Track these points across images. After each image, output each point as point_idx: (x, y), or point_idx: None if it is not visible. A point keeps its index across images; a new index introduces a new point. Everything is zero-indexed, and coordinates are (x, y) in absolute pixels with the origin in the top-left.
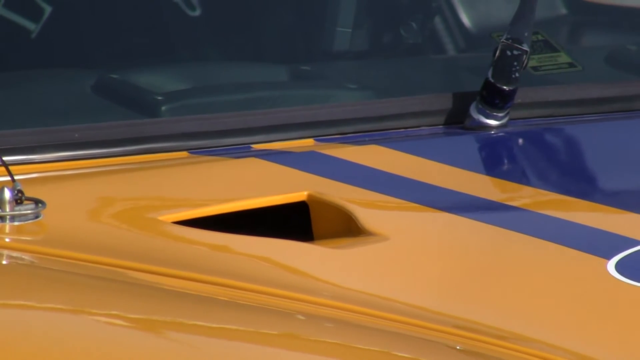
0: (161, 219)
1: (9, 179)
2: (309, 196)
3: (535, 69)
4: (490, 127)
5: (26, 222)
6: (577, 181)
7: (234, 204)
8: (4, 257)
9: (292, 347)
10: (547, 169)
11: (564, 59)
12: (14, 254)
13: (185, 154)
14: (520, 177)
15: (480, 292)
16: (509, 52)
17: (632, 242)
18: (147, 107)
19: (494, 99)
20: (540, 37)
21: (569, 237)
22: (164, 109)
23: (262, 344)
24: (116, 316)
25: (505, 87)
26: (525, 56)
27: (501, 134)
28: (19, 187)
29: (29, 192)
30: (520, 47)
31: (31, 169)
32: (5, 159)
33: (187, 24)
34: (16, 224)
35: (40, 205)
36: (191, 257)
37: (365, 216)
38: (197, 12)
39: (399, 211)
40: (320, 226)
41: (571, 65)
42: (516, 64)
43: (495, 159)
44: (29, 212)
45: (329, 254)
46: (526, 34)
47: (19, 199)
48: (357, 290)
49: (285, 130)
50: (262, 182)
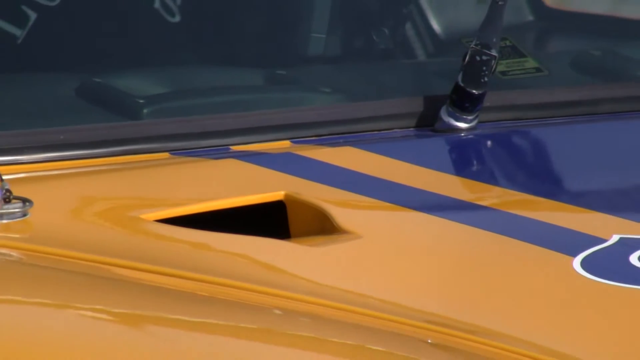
0: (143, 217)
1: None
2: (286, 196)
3: (503, 73)
4: (459, 130)
5: (14, 219)
6: (544, 182)
7: (213, 203)
8: (7, 256)
9: (269, 341)
10: (515, 170)
11: (531, 64)
12: (2, 251)
13: (166, 155)
14: (488, 177)
15: (449, 288)
16: (478, 58)
17: (596, 240)
18: (129, 110)
19: (463, 103)
20: (508, 43)
21: (536, 235)
22: (145, 111)
23: (241, 338)
24: (101, 311)
25: (474, 91)
26: (493, 61)
27: (470, 137)
28: (7, 187)
29: (17, 192)
30: (488, 52)
31: (18, 169)
32: None
33: (166, 29)
34: (4, 222)
35: (27, 204)
36: (172, 254)
37: (339, 215)
38: (177, 19)
39: (372, 210)
40: (296, 225)
41: (538, 70)
42: (485, 68)
43: (464, 160)
44: (17, 210)
45: (304, 252)
46: (494, 40)
47: (7, 198)
48: (331, 286)
49: (262, 132)
50: (241, 182)
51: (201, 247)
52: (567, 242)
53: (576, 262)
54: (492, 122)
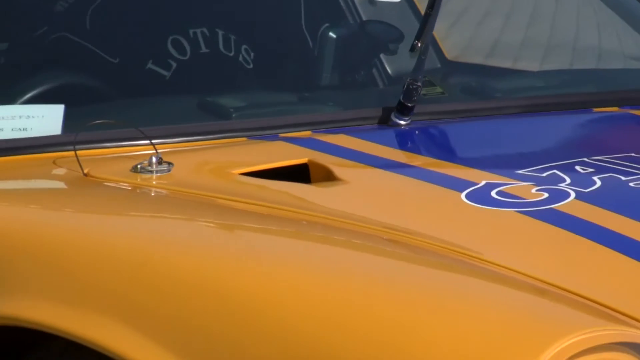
0: (233, 172)
1: (154, 152)
2: (309, 160)
3: (424, 95)
4: (402, 125)
5: (163, 173)
6: (447, 152)
7: (270, 164)
8: (153, 192)
9: (307, 240)
10: (430, 145)
11: (438, 90)
12: (158, 190)
13: (244, 139)
14: (416, 149)
15: (395, 208)
16: (411, 86)
17: (474, 184)
18: (225, 113)
19: (403, 110)
20: (427, 79)
21: (441, 180)
22: (234, 115)
23: (286, 238)
24: (222, 226)
25: (409, 104)
26: (419, 88)
27: (407, 129)
28: (159, 155)
29: (165, 158)
30: (417, 83)
31: (166, 147)
32: (154, 141)
33: (244, 73)
34: (158, 174)
35: (170, 165)
36: (250, 191)
37: (338, 171)
38: (251, 66)
39: (354, 168)
40: (314, 176)
41: (442, 93)
42: (415, 92)
43: (404, 141)
44: (165, 168)
45: (320, 190)
46: (420, 77)
47: (160, 161)
48: (333, 207)
49: (295, 126)
50: (285, 153)
51: (264, 186)
52: (458, 184)
53: (462, 195)
54: (418, 120)
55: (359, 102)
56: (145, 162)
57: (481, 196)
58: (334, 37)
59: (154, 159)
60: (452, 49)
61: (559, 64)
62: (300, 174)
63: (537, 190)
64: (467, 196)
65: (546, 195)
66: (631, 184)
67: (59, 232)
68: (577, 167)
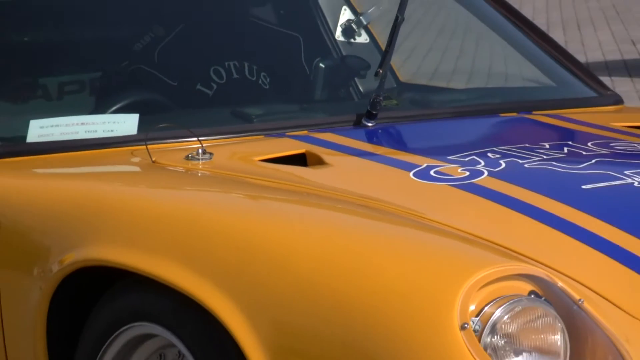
0: (254, 159)
1: (200, 145)
2: (306, 151)
3: (384, 105)
4: (369, 126)
5: (206, 160)
6: (401, 144)
7: (278, 154)
8: (199, 173)
9: (305, 205)
10: (389, 140)
11: (394, 102)
12: (202, 171)
13: (262, 136)
14: (379, 142)
15: (366, 183)
16: (376, 100)
17: (418, 166)
18: (246, 118)
19: (370, 116)
20: (386, 95)
21: (396, 163)
22: (255, 120)
23: (291, 204)
24: (260, 197)
25: (374, 112)
26: (381, 101)
27: (373, 129)
28: (204, 148)
29: (208, 150)
30: (379, 98)
31: (207, 141)
32: (201, 138)
33: (262, 93)
34: (203, 161)
35: (212, 154)
36: (266, 173)
37: (326, 158)
38: (268, 87)
39: (338, 156)
40: (310, 161)
41: (396, 104)
42: (378, 104)
43: (371, 137)
44: (207, 156)
45: (315, 171)
46: (382, 93)
47: (204, 152)
48: (322, 183)
49: (297, 126)
50: (289, 146)
51: (276, 169)
52: (408, 166)
53: (411, 174)
54: (381, 123)
55: (341, 111)
56: (194, 152)
57: (423, 174)
58: (323, 67)
59: (200, 151)
60: (404, 74)
61: (477, 84)
62: (300, 160)
63: (461, 170)
64: (414, 174)
65: (467, 173)
66: (526, 165)
67: (135, 199)
68: (489, 154)
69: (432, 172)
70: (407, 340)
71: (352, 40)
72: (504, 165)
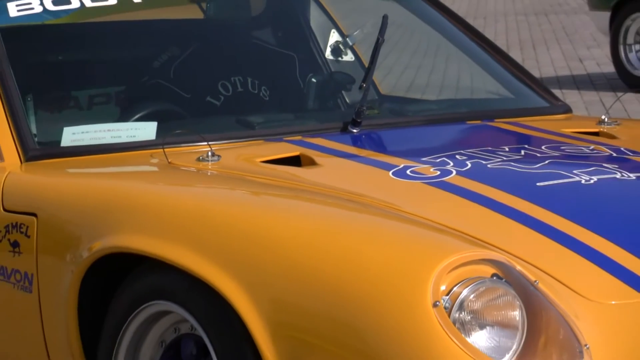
0: (257, 160)
1: (209, 149)
2: (300, 153)
3: (367, 114)
4: (354, 132)
5: (215, 162)
6: (382, 147)
7: (278, 155)
8: (209, 172)
9: (299, 199)
10: (371, 144)
11: (375, 111)
12: (212, 171)
13: (261, 141)
14: (364, 145)
15: (352, 181)
16: (360, 109)
17: (396, 166)
18: (249, 126)
19: (355, 123)
20: (369, 105)
21: (378, 164)
22: (256, 127)
23: (288, 199)
24: (262, 193)
25: (359, 120)
26: (365, 110)
27: (358, 134)
28: (213, 151)
29: (217, 153)
30: (363, 108)
31: (215, 145)
32: (210, 143)
33: (262, 105)
34: (212, 162)
35: (220, 156)
36: (269, 173)
37: (318, 160)
38: (267, 98)
39: (327, 158)
40: (304, 163)
41: (377, 113)
42: (362, 113)
43: (357, 141)
44: (216, 159)
45: (308, 171)
46: (365, 104)
47: (213, 154)
48: (314, 181)
49: (293, 132)
50: (285, 149)
51: (275, 169)
52: (388, 166)
53: (390, 173)
54: (364, 129)
55: (330, 119)
56: (204, 155)
57: (401, 173)
58: (315, 81)
59: (210, 153)
60: (384, 87)
61: (447, 95)
62: (295, 161)
63: (433, 169)
64: (393, 173)
65: (439, 172)
66: (489, 165)
67: (154, 195)
68: (457, 156)
69: (408, 172)
70: (387, 315)
71: (339, 58)
72: (469, 165)
